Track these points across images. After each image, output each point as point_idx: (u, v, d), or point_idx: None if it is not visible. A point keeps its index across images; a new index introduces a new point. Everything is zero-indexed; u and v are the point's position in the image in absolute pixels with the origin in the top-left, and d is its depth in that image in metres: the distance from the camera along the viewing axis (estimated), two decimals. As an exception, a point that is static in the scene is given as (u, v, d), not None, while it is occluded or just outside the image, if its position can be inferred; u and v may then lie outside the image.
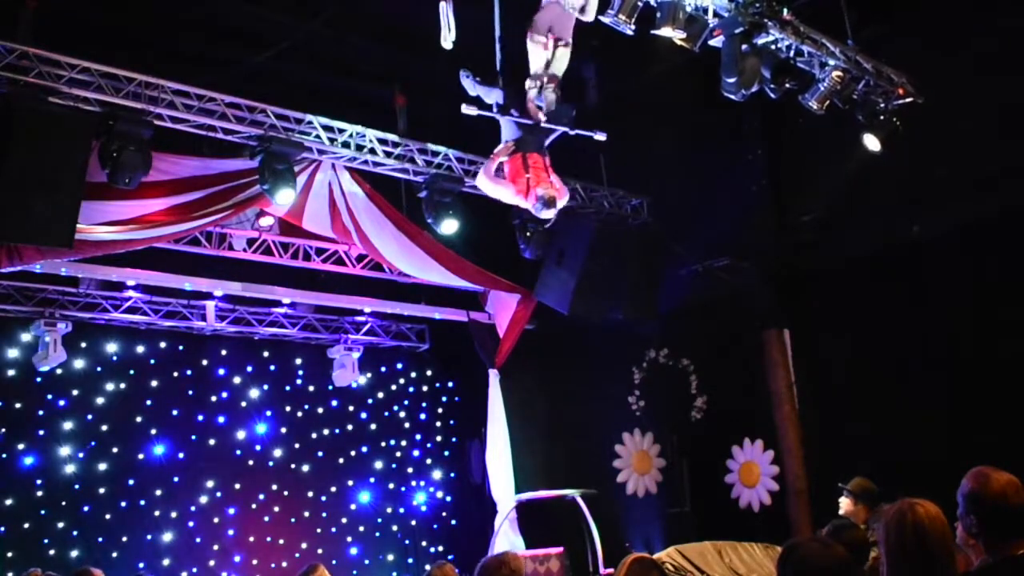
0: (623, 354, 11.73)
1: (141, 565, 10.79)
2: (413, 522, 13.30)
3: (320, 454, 12.84)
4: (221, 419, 12.07)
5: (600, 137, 6.56)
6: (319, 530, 12.61)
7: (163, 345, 11.81)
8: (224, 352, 12.23)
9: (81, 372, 11.11)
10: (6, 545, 10.16)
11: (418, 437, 13.77)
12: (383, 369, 13.60)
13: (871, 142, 8.15)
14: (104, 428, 11.15)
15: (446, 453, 13.93)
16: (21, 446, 10.53)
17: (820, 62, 7.59)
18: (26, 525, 10.36)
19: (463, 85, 6.54)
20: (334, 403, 13.10)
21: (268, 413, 12.50)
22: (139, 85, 7.53)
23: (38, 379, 10.68)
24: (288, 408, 12.68)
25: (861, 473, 6.25)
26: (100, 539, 10.85)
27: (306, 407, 12.83)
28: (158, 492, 11.38)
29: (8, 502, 10.34)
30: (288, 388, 12.77)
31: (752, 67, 6.93)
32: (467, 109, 6.26)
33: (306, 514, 12.54)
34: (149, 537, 11.21)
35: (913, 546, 3.09)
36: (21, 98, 6.95)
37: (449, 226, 9.29)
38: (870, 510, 5.79)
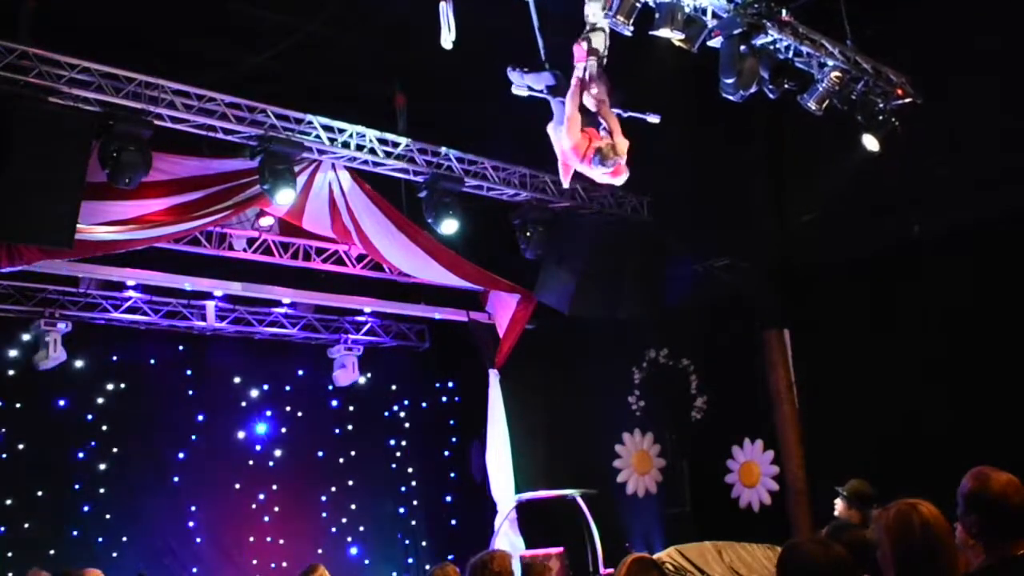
0: (623, 354, 11.72)
1: (141, 566, 10.79)
2: (413, 522, 13.31)
3: (320, 454, 12.84)
4: (221, 419, 12.06)
5: (654, 119, 6.63)
6: (319, 530, 12.60)
7: (163, 345, 11.80)
8: (224, 352, 12.23)
9: (81, 372, 11.10)
10: (6, 545, 10.16)
11: (418, 437, 13.76)
12: (383, 369, 13.60)
13: (870, 142, 8.16)
14: (104, 428, 11.15)
15: (446, 453, 13.92)
16: (21, 446, 10.53)
17: (819, 62, 7.58)
18: (26, 525, 10.36)
19: (511, 79, 6.51)
20: (334, 403, 13.09)
21: (268, 413, 12.51)
22: (139, 85, 7.52)
23: (38, 379, 10.68)
24: (288, 408, 12.67)
25: (860, 474, 6.23)
26: (100, 539, 10.85)
27: (306, 407, 12.83)
28: (158, 492, 11.37)
29: (8, 502, 10.34)
30: (288, 388, 12.77)
31: (750, 68, 6.94)
32: (517, 90, 6.41)
33: (306, 514, 12.53)
34: (149, 537, 11.20)
35: (920, 546, 3.06)
36: (21, 98, 6.96)
37: (449, 226, 9.29)
38: (864, 514, 5.76)
